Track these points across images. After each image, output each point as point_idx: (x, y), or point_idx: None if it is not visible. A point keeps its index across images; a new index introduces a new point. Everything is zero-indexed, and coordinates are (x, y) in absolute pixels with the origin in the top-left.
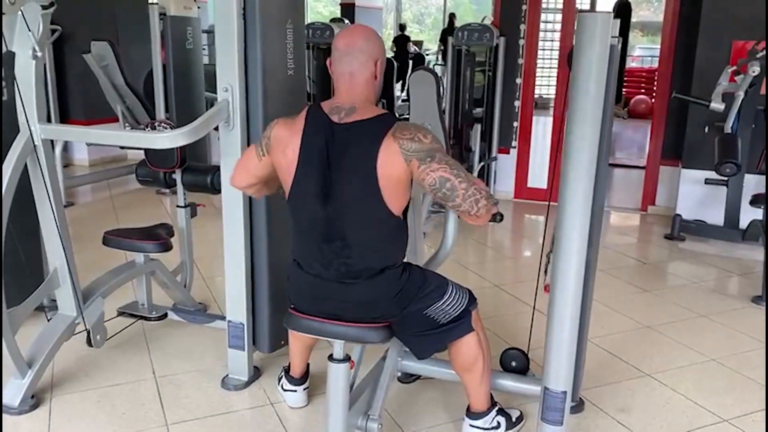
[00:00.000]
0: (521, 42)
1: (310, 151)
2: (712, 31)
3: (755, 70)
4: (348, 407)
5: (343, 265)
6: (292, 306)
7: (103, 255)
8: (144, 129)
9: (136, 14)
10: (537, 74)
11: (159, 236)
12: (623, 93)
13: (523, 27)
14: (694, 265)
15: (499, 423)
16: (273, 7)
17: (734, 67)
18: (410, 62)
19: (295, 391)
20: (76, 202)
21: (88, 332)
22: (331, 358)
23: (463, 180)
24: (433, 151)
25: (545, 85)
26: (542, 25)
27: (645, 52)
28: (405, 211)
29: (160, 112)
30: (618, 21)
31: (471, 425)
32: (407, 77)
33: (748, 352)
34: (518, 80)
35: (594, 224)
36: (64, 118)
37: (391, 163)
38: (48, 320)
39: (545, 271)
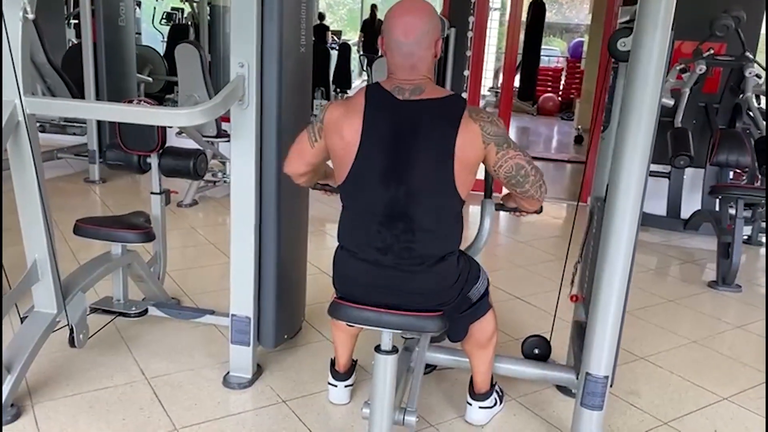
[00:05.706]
0: (470, 34)
1: (375, 129)
2: None
3: (702, 68)
4: (393, 402)
5: (405, 249)
6: (339, 295)
7: None
8: None
9: None
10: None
11: (140, 225)
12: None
13: (471, 19)
14: (643, 253)
15: (496, 400)
16: None
17: (682, 65)
18: (331, 52)
19: (336, 386)
20: None
21: (71, 330)
22: (378, 349)
23: (533, 166)
24: (507, 137)
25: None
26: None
27: (547, 52)
28: None
29: (90, 92)
30: None
31: (481, 407)
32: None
33: (723, 333)
34: (466, 72)
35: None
36: None
37: (470, 145)
38: (21, 319)
39: (572, 282)
